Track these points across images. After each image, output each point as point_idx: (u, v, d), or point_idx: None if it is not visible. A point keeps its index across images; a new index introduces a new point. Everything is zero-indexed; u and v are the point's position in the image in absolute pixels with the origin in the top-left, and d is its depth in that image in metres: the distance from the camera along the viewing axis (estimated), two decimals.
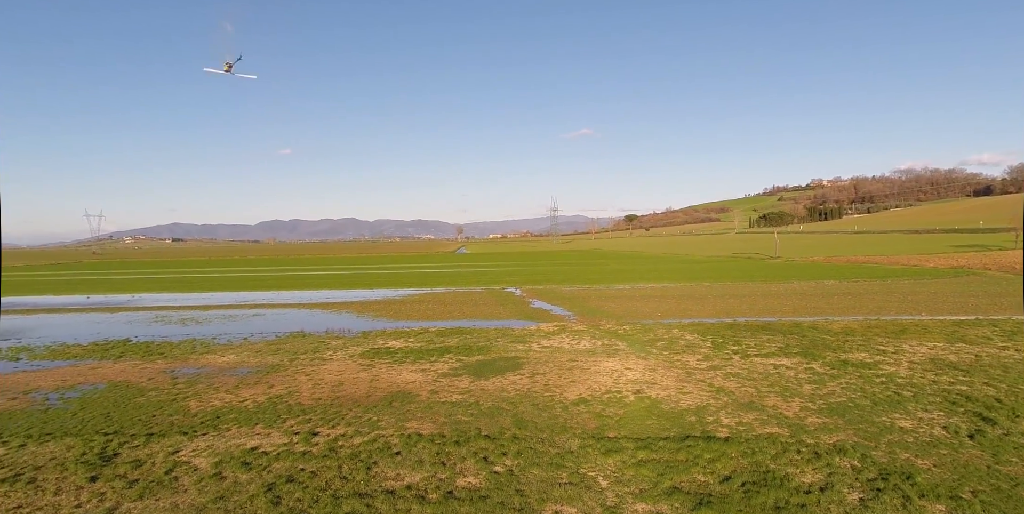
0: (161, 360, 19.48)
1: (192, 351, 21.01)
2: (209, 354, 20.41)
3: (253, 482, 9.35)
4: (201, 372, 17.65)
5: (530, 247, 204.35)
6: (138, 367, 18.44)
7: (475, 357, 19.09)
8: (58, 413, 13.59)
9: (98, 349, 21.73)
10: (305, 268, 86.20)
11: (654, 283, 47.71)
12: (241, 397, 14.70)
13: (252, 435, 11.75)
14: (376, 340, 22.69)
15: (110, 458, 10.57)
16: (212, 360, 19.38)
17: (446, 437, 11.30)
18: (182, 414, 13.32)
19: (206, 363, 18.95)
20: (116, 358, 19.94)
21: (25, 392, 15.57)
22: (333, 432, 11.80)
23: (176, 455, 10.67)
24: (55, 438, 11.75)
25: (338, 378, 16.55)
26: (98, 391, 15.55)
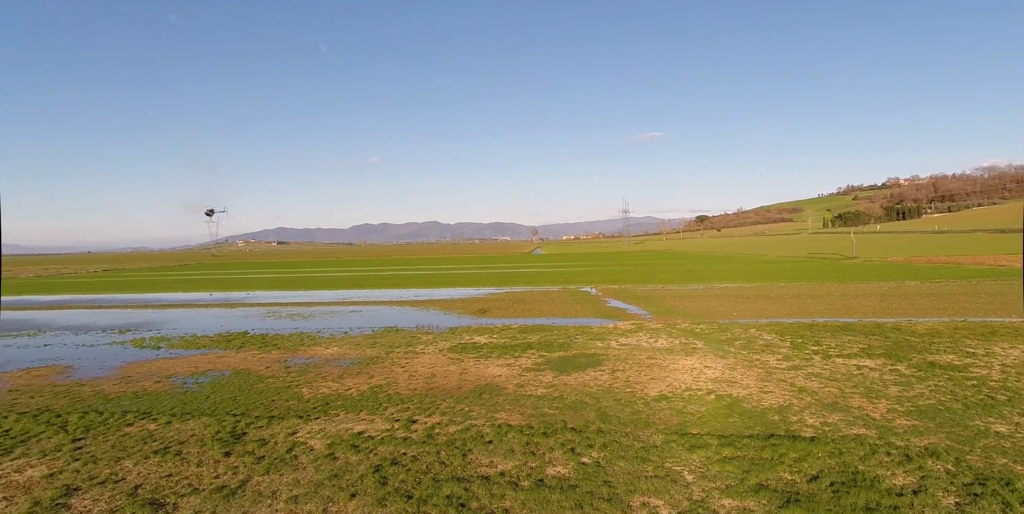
0: (275, 351, 21.46)
1: (301, 343, 22.95)
2: (315, 346, 22.22)
3: (362, 463, 10.37)
4: (310, 362, 19.32)
5: (602, 248, 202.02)
6: (256, 357, 20.45)
7: (556, 353, 19.65)
8: (194, 395, 15.46)
9: (222, 340, 24.20)
10: (393, 268, 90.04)
11: (728, 283, 46.32)
12: (346, 386, 16.04)
13: (358, 420, 12.91)
14: (463, 336, 23.75)
15: (239, 436, 12.01)
16: (318, 352, 21.12)
17: (534, 428, 11.92)
18: (296, 400, 14.78)
19: (313, 354, 20.68)
20: (238, 348, 22.16)
21: (167, 377, 17.77)
22: (430, 420, 12.73)
23: (294, 436, 11.96)
24: (193, 417, 13.45)
25: (430, 370, 17.62)
26: (225, 377, 17.47)
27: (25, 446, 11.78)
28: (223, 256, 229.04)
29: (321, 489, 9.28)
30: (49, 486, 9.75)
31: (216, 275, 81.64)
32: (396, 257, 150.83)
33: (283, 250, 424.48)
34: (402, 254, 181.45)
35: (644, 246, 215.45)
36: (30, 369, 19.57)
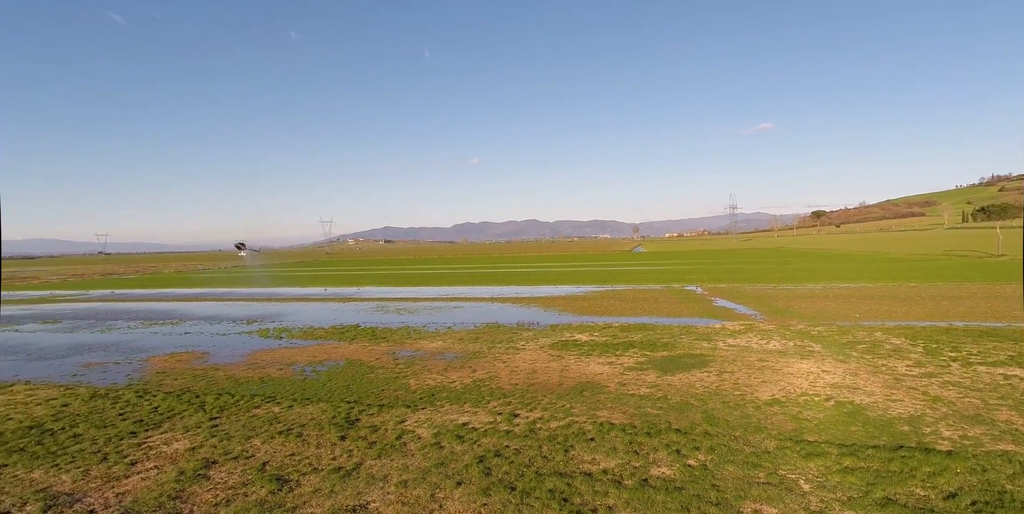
0: (384, 343, 22.51)
1: (407, 337, 23.92)
2: (421, 340, 23.07)
3: (467, 453, 10.65)
4: (416, 355, 20.09)
5: (708, 245, 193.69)
6: (367, 348, 21.56)
7: (660, 353, 19.14)
8: (311, 382, 16.56)
9: (336, 332, 25.74)
10: (494, 266, 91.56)
11: (849, 283, 42.80)
12: (450, 379, 16.53)
13: (462, 412, 13.26)
14: (563, 333, 23.72)
15: (353, 422, 12.71)
16: (424, 345, 21.91)
17: (637, 428, 11.69)
18: (404, 390, 15.42)
19: (419, 347, 21.49)
20: (350, 340, 23.48)
21: (288, 364, 19.16)
22: (531, 415, 12.84)
23: (403, 424, 12.48)
24: (312, 402, 14.41)
25: (531, 366, 17.74)
26: (339, 367, 18.56)
27: (171, 422, 13.15)
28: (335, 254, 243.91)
29: (429, 476, 9.62)
30: (191, 458, 10.81)
31: (329, 272, 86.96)
32: (496, 255, 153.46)
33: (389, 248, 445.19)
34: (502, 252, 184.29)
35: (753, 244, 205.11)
36: (174, 353, 21.81)
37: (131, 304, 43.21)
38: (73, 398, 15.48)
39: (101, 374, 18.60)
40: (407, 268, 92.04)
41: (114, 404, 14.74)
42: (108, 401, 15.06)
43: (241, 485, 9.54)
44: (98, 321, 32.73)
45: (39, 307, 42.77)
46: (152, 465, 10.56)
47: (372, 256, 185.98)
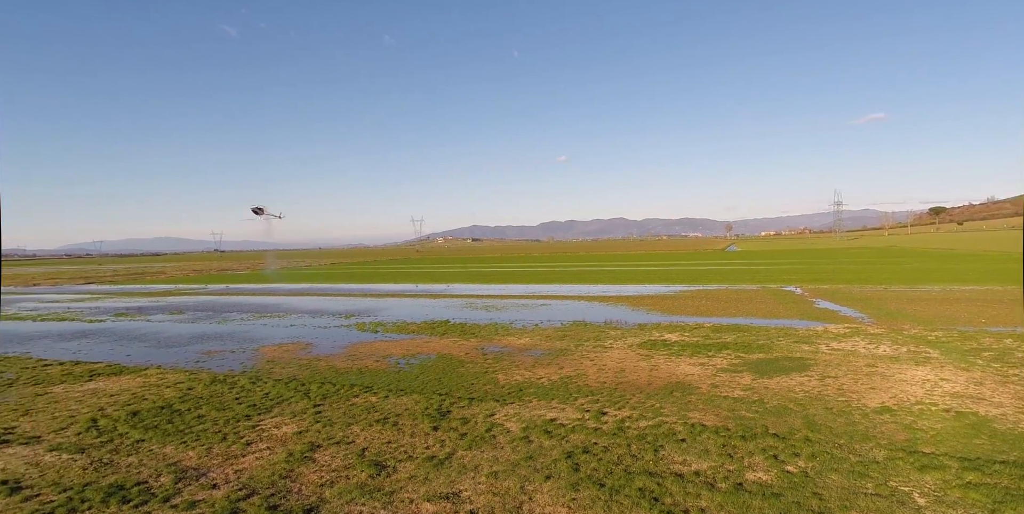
0: (473, 339, 23.06)
1: (495, 333, 24.37)
2: (509, 336, 23.43)
3: (555, 448, 10.76)
4: (504, 351, 20.43)
5: (809, 244, 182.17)
6: (457, 343, 22.18)
7: (755, 355, 18.38)
8: (405, 375, 17.27)
9: (428, 327, 26.66)
10: (580, 264, 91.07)
11: (974, 285, 38.89)
12: (537, 375, 16.70)
13: (550, 408, 13.39)
14: (652, 332, 23.29)
15: (445, 413, 13.16)
16: (511, 341, 22.24)
17: (731, 431, 11.33)
18: (493, 385, 15.76)
19: (507, 344, 21.84)
20: (441, 335, 24.24)
21: (384, 357, 20.08)
22: (620, 413, 12.75)
23: (492, 417, 12.78)
24: (406, 393, 15.03)
25: (619, 365, 17.58)
26: (431, 360, 19.23)
27: (280, 407, 14.16)
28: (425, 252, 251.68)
29: (518, 468, 9.82)
30: (299, 441, 11.61)
31: (420, 269, 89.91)
32: (583, 253, 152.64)
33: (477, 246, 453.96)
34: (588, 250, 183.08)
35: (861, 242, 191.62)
36: (281, 344, 23.41)
37: (243, 298, 46.71)
38: (196, 382, 17.02)
39: (219, 361, 20.31)
40: (494, 266, 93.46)
41: (231, 389, 16.07)
42: (226, 386, 16.44)
43: (343, 468, 10.15)
44: (216, 313, 35.68)
45: (166, 299, 47.15)
46: (264, 446, 11.44)
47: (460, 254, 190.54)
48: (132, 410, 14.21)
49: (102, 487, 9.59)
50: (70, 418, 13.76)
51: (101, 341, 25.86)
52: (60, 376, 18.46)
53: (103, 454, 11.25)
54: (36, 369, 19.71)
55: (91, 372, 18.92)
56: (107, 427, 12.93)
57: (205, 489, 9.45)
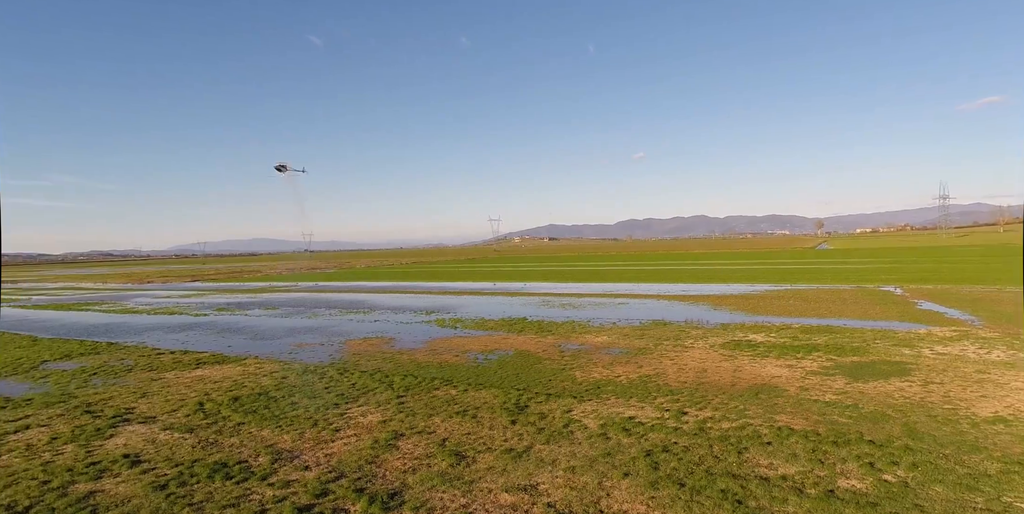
0: (551, 336, 23.13)
1: (573, 331, 24.32)
2: (586, 334, 23.33)
3: (633, 446, 10.64)
4: (581, 349, 20.37)
5: (910, 242, 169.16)
6: (535, 340, 22.32)
7: (849, 358, 17.37)
8: (484, 369, 17.58)
9: (505, 324, 26.98)
10: (659, 263, 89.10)
11: None
12: (615, 373, 16.55)
13: (628, 406, 13.24)
14: (735, 332, 22.49)
15: (523, 408, 13.29)
16: (589, 339, 22.13)
17: (821, 435, 10.79)
18: (570, 381, 15.76)
19: (584, 341, 21.75)
20: (518, 332, 24.47)
21: (463, 352, 20.53)
22: (701, 414, 12.43)
23: (570, 413, 12.79)
24: (485, 387, 15.31)
25: (701, 365, 17.11)
26: (509, 356, 19.47)
27: (366, 397, 14.79)
28: (503, 251, 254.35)
29: (596, 464, 9.79)
30: (383, 429, 12.10)
31: (497, 268, 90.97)
32: (661, 252, 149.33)
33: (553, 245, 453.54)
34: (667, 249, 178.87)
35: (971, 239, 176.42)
36: (366, 338, 24.41)
37: (331, 295, 49.02)
38: (289, 372, 18.07)
39: (310, 353, 21.45)
40: (571, 265, 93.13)
41: (321, 379, 16.95)
42: (316, 376, 17.35)
43: (425, 457, 10.49)
44: (306, 309, 37.67)
45: (262, 296, 50.24)
46: (352, 433, 12.00)
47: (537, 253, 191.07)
48: (233, 396, 15.29)
49: (208, 464, 10.39)
50: (180, 401, 14.99)
51: (205, 333, 27.94)
52: (171, 364, 20.12)
53: (209, 434, 12.18)
54: (151, 357, 21.57)
55: (197, 361, 20.49)
56: (212, 410, 13.98)
57: (298, 470, 10.04)
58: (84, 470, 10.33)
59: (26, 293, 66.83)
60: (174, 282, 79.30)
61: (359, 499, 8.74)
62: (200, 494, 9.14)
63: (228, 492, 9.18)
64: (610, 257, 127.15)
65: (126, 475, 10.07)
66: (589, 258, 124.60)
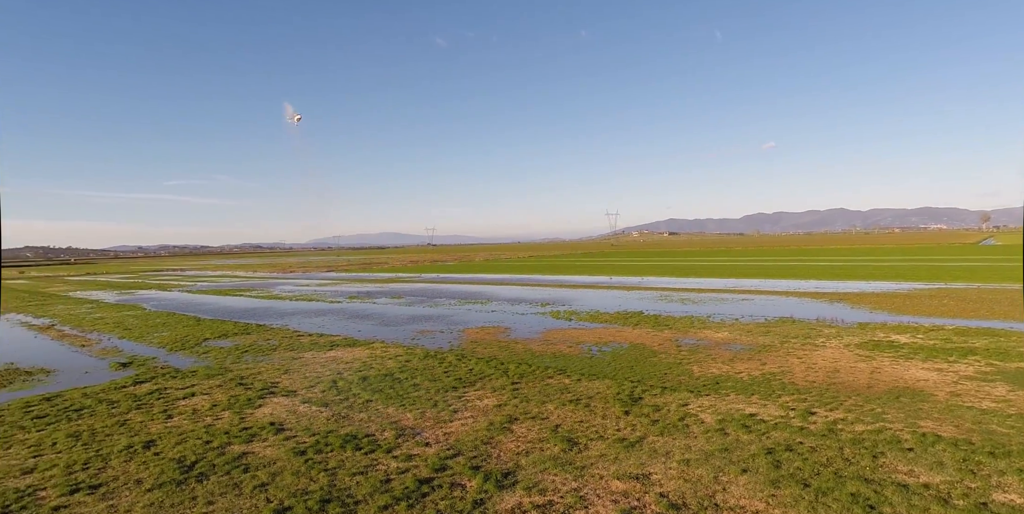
0: (667, 330, 22.56)
1: (691, 325, 23.54)
2: (705, 329, 22.48)
3: (753, 443, 10.16)
4: (700, 343, 19.68)
5: None
6: (650, 334, 21.89)
7: (1014, 363, 15.34)
8: (597, 361, 17.54)
9: (620, 317, 26.67)
10: (789, 259, 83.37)
11: None
12: (736, 369, 15.83)
13: (749, 403, 12.64)
14: (875, 332, 20.62)
15: (636, 400, 13.13)
16: (708, 335, 21.32)
17: (974, 445, 9.68)
18: (687, 376, 15.31)
19: (703, 336, 20.98)
20: (634, 325, 24.11)
21: (577, 343, 20.60)
22: (831, 415, 11.59)
23: (685, 407, 12.45)
24: (598, 378, 15.29)
25: (833, 365, 15.92)
26: (623, 349, 19.26)
27: (482, 382, 15.32)
28: (619, 246, 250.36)
29: (712, 459, 9.48)
30: (498, 413, 12.49)
31: (613, 262, 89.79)
32: (793, 247, 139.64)
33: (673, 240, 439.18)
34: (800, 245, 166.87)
35: None
36: (483, 327, 25.20)
37: (451, 286, 51.03)
38: (412, 356, 19.12)
39: (431, 339, 22.55)
40: (691, 260, 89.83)
41: (440, 363, 17.78)
42: (436, 360, 18.23)
43: (538, 441, 10.71)
44: (428, 299, 39.54)
45: (388, 286, 53.39)
46: (469, 415, 12.51)
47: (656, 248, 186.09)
48: (362, 375, 16.48)
49: (340, 435, 11.32)
50: (316, 378, 16.40)
51: (338, 318, 30.25)
52: (309, 345, 22.03)
53: (341, 409, 13.24)
54: (292, 338, 23.75)
55: (331, 343, 22.26)
56: (344, 388, 15.17)
57: (420, 446, 10.66)
58: (238, 434, 11.66)
59: (191, 280, 75.95)
60: (312, 272, 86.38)
61: (475, 476, 9.13)
62: (333, 461, 10.00)
63: (357, 461, 9.96)
64: (734, 252, 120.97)
65: (272, 440, 11.24)
66: (711, 253, 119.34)
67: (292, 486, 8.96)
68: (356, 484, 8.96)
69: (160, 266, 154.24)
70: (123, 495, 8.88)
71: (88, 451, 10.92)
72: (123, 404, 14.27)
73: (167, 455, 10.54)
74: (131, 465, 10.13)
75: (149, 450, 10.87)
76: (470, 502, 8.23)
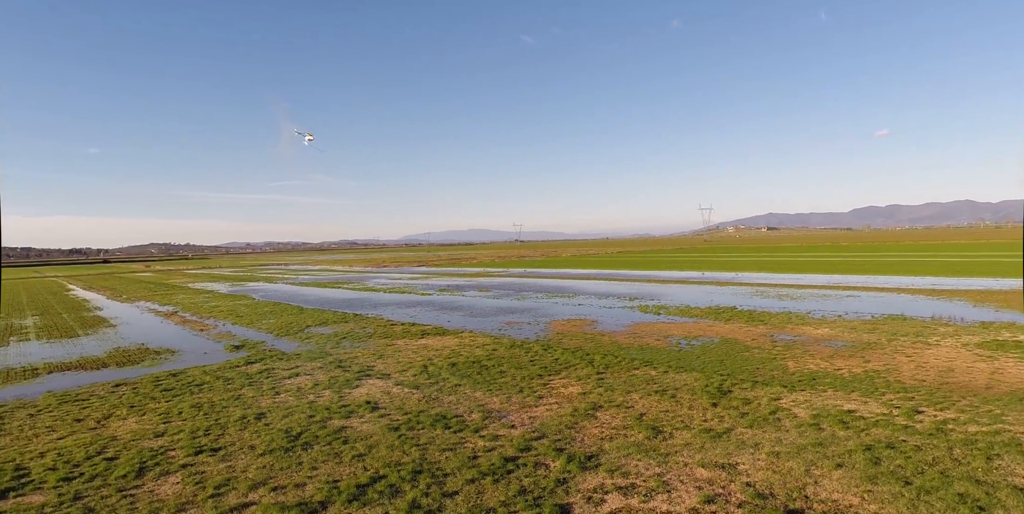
0: (762, 326, 21.70)
1: (788, 321, 22.49)
2: (804, 326, 21.41)
3: (851, 439, 9.69)
4: (796, 339, 18.81)
5: None
6: (743, 329, 21.15)
7: None
8: (686, 354, 17.21)
9: (712, 312, 25.92)
10: (904, 254, 77.07)
11: None
12: (836, 366, 15.03)
13: (848, 400, 12.01)
14: (1000, 332, 18.83)
15: (726, 392, 12.82)
16: (806, 331, 20.30)
17: None
18: (781, 371, 14.73)
19: (801, 332, 20.01)
20: (726, 320, 23.36)
21: (664, 336, 20.28)
22: (941, 415, 10.81)
23: (778, 402, 12.02)
24: (685, 370, 15.03)
25: (946, 364, 14.74)
26: (713, 343, 18.76)
27: (567, 371, 15.49)
28: (714, 241, 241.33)
29: (803, 452, 9.15)
30: (583, 400, 12.62)
31: (706, 257, 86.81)
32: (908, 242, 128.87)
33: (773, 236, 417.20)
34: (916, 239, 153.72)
35: None
36: (570, 320, 25.32)
37: (538, 281, 51.43)
38: (499, 345, 19.59)
39: (518, 330, 22.96)
40: (792, 255, 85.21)
41: (527, 353, 18.11)
42: (522, 350, 18.58)
43: (622, 428, 10.75)
44: (516, 292, 40.12)
45: (476, 280, 54.59)
46: (553, 401, 12.73)
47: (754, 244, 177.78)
48: (451, 362, 17.11)
49: (431, 415, 11.88)
50: (408, 363, 17.21)
51: (429, 309, 31.40)
52: (401, 333, 23.08)
53: (431, 392, 13.86)
54: (386, 327, 24.96)
55: (422, 332, 23.19)
56: (434, 372, 15.84)
57: (505, 428, 11.00)
58: (338, 410, 12.52)
59: (294, 273, 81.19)
60: (404, 267, 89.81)
61: (559, 457, 9.33)
62: (424, 438, 10.54)
63: (446, 439, 10.44)
64: (840, 248, 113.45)
65: (368, 417, 11.98)
66: (815, 249, 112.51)
67: (387, 457, 9.56)
68: (445, 459, 9.42)
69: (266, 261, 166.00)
70: (239, 458, 9.84)
71: (208, 420, 12.14)
72: (237, 381, 15.68)
73: (276, 426, 11.52)
74: (245, 433, 11.17)
75: (260, 421, 11.92)
76: (553, 480, 8.45)
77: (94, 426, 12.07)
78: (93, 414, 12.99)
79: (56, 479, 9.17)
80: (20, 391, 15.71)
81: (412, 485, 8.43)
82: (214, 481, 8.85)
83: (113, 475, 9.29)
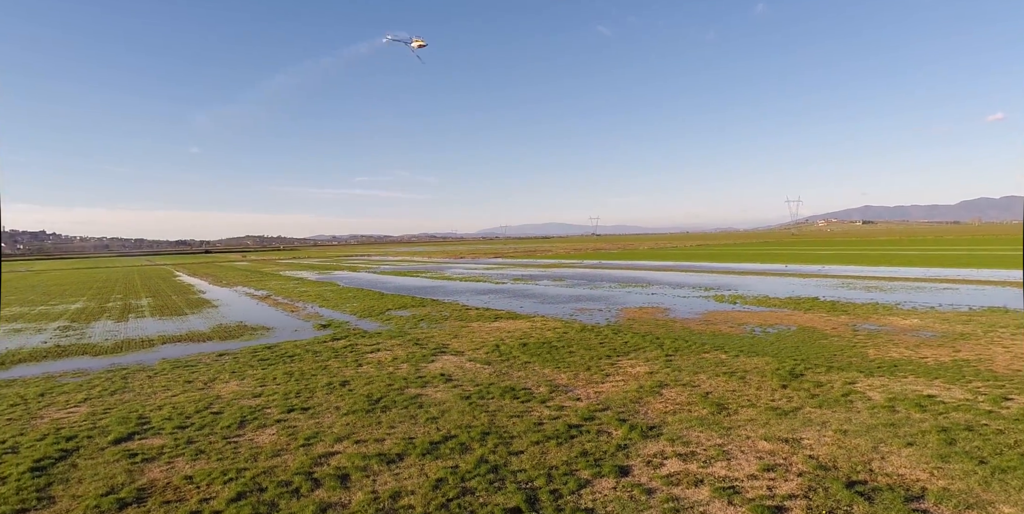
0: (844, 316, 20.89)
1: (873, 312, 21.52)
2: (890, 316, 20.44)
3: (926, 421, 9.41)
4: (881, 329, 18.03)
5: None
6: (823, 318, 20.45)
7: None
8: (759, 340, 16.93)
9: (791, 302, 25.13)
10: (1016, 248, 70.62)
11: None
12: (920, 355, 14.39)
13: (930, 385, 11.57)
14: None
15: (797, 376, 12.63)
16: (893, 321, 19.39)
17: None
18: (860, 358, 14.27)
19: (886, 323, 19.14)
20: (805, 310, 22.63)
21: (739, 324, 19.96)
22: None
23: (852, 385, 11.74)
24: (757, 355, 14.84)
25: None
26: (789, 331, 18.31)
27: (636, 353, 15.67)
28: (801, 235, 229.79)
29: (873, 431, 9.00)
30: (649, 379, 12.82)
31: (792, 250, 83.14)
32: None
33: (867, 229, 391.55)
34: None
35: None
36: (642, 307, 25.29)
37: (612, 271, 51.23)
38: (569, 329, 19.95)
39: (588, 316, 23.23)
40: (886, 249, 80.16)
41: (596, 336, 18.39)
42: (592, 333, 18.87)
43: (686, 403, 10.90)
44: (589, 282, 40.25)
45: (551, 270, 55.02)
46: (620, 379, 12.99)
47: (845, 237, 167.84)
48: (522, 342, 17.66)
49: (500, 387, 12.46)
50: (481, 343, 17.91)
51: (503, 296, 32.14)
52: (475, 316, 23.88)
53: (502, 367, 14.46)
54: (461, 311, 25.88)
55: (495, 316, 23.91)
56: (505, 351, 16.44)
57: (571, 400, 11.40)
58: (414, 380, 13.35)
59: (376, 263, 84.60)
60: (481, 258, 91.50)
61: (621, 426, 9.65)
62: (493, 405, 11.13)
63: (514, 407, 10.98)
64: (944, 242, 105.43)
65: (442, 387, 12.72)
66: (913, 242, 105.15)
67: (458, 421, 10.22)
68: (512, 424, 9.96)
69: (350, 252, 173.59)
70: (326, 416, 10.80)
71: (299, 385, 13.28)
72: (324, 354, 16.92)
73: (358, 392, 12.47)
74: (331, 396, 12.18)
75: (344, 387, 12.92)
76: (614, 445, 8.79)
77: (202, 387, 13.50)
78: (200, 377, 14.49)
79: (172, 427, 10.44)
80: (139, 357, 17.68)
81: (481, 444, 9.02)
82: (304, 434, 9.80)
83: (219, 425, 10.46)
